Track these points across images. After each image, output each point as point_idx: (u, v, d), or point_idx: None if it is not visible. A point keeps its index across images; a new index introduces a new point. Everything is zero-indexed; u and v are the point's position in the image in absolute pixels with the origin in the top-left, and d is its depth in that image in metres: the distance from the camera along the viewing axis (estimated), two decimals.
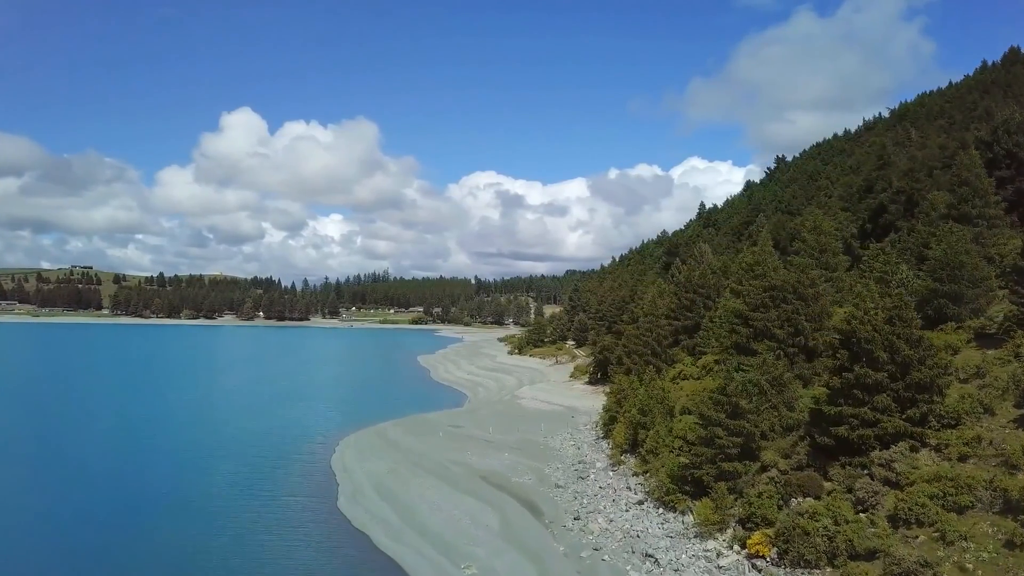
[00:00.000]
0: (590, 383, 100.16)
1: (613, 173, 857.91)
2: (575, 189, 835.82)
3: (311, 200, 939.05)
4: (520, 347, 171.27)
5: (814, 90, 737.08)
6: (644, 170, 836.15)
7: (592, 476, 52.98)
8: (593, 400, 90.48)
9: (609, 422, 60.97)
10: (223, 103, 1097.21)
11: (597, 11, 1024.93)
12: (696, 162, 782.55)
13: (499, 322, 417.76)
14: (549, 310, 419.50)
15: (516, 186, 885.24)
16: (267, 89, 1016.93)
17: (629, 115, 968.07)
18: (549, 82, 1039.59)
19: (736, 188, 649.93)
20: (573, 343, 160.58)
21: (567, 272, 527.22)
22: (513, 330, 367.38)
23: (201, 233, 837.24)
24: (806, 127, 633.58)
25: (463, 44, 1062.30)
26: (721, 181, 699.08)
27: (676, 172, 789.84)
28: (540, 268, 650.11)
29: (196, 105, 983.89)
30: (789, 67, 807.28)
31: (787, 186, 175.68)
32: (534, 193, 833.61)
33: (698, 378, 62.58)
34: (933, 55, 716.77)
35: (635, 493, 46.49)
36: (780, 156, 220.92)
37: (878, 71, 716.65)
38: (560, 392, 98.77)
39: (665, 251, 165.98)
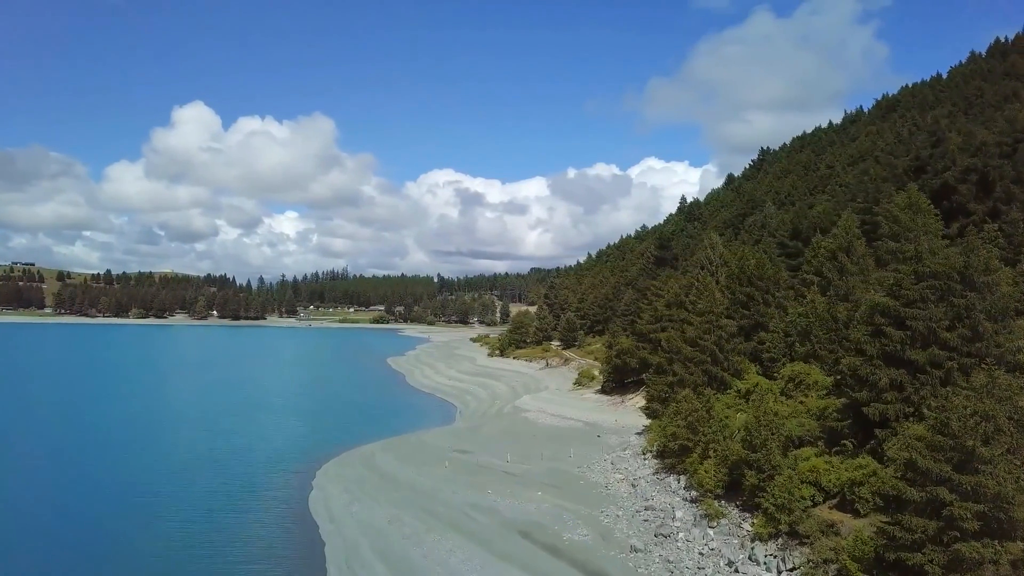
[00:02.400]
0: (603, 392, 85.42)
1: (572, 172, 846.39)
2: (534, 188, 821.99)
3: (266, 197, 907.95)
4: (502, 349, 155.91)
5: (771, 91, 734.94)
6: (602, 169, 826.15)
7: (680, 534, 38.11)
8: (614, 414, 75.97)
9: (679, 452, 46.23)
10: (174, 97, 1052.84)
11: (557, 7, 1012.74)
12: (653, 162, 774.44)
13: (464, 321, 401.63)
14: (515, 309, 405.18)
15: (475, 184, 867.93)
16: (220, 83, 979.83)
17: (588, 114, 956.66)
18: (507, 80, 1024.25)
19: (692, 188, 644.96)
20: (559, 344, 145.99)
21: (532, 270, 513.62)
22: (479, 329, 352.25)
23: (152, 230, 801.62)
24: (764, 127, 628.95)
25: (421, 39, 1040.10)
26: (677, 181, 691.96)
27: (634, 172, 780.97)
28: (499, 267, 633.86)
29: (146, 99, 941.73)
30: (747, 67, 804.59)
31: (781, 178, 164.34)
32: (493, 191, 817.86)
33: (784, 394, 48.23)
34: (887, 59, 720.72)
35: (772, 572, 31.75)
36: (764, 148, 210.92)
37: (834, 73, 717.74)
38: (570, 403, 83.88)
39: (657, 245, 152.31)
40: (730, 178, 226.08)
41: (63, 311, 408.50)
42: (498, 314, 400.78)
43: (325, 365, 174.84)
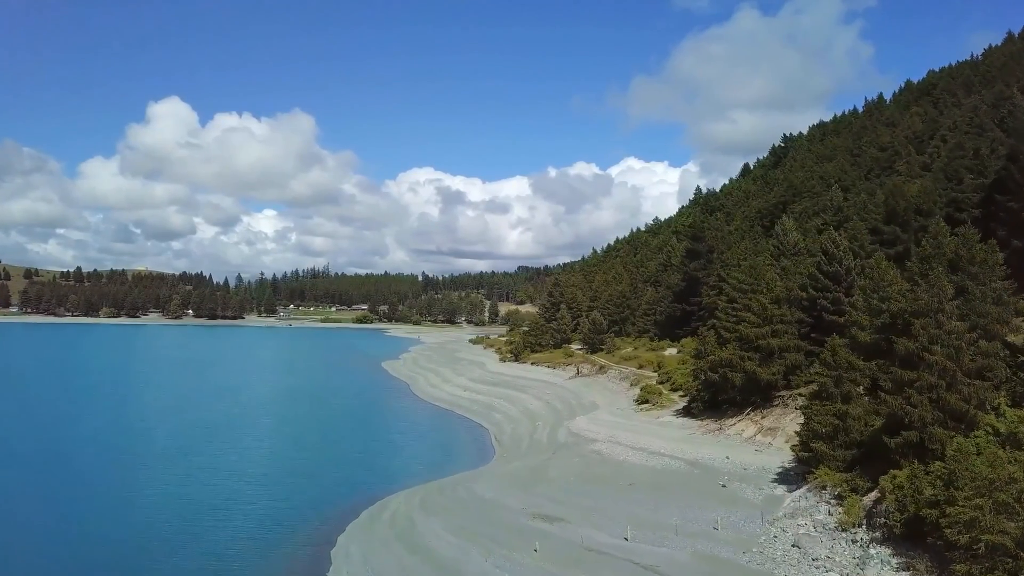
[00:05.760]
0: (689, 415, 65.12)
1: (552, 171, 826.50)
2: (515, 187, 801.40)
3: (244, 195, 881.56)
4: (516, 353, 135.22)
5: (756, 90, 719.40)
6: (583, 168, 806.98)
7: None
8: (717, 447, 55.70)
9: (988, 554, 26.18)
10: (150, 92, 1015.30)
11: (538, 4, 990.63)
12: (633, 162, 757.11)
13: (451, 321, 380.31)
14: (504, 308, 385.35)
15: (456, 183, 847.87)
16: (197, 79, 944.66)
17: (571, 112, 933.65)
18: (489, 77, 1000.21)
19: (671, 188, 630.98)
20: (583, 347, 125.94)
21: (519, 268, 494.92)
22: (468, 329, 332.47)
23: (128, 228, 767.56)
24: (748, 127, 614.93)
25: (403, 36, 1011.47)
26: (656, 181, 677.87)
27: (614, 171, 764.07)
28: (480, 265, 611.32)
29: (121, 94, 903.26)
30: (732, 66, 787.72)
31: (823, 163, 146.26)
32: (474, 190, 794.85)
33: None
34: (871, 59, 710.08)
35: None
36: (787, 134, 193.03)
37: (818, 73, 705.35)
38: (647, 430, 63.47)
39: (690, 237, 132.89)
40: (746, 168, 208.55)
41: (29, 310, 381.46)
42: (487, 313, 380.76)
43: (314, 371, 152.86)
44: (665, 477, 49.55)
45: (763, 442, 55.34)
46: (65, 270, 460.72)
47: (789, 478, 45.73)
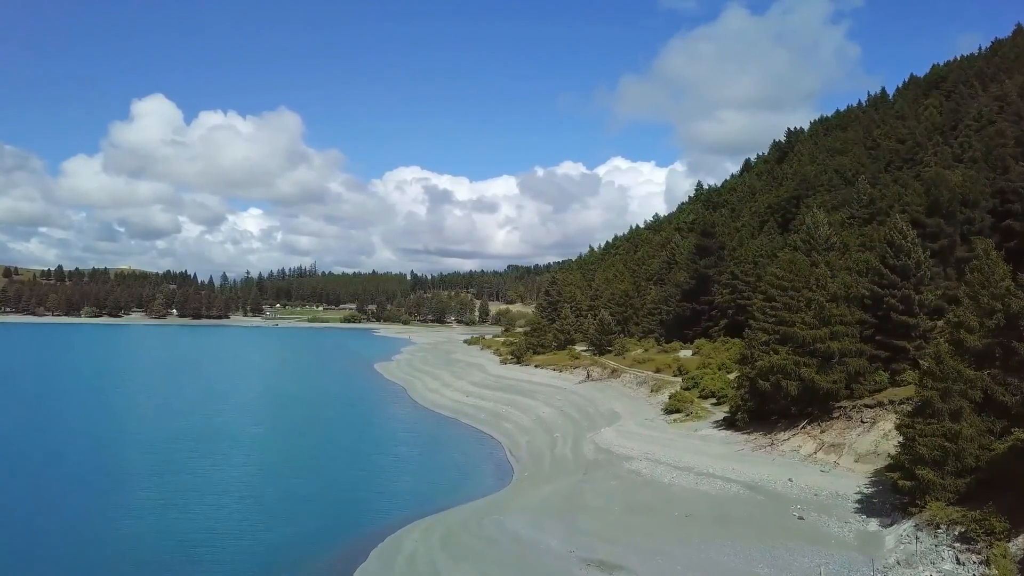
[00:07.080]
0: (733, 427, 57.54)
1: (540, 171, 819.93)
2: (502, 186, 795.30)
3: (229, 193, 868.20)
4: (518, 354, 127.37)
5: (744, 89, 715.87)
6: (570, 168, 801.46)
7: None
8: (772, 466, 48.20)
9: None
10: (134, 90, 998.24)
11: (528, 4, 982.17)
12: (619, 162, 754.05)
13: (441, 320, 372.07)
14: (494, 307, 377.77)
15: (443, 181, 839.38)
16: (181, 76, 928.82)
17: (558, 111, 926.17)
18: (476, 75, 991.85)
19: (658, 188, 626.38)
20: (588, 348, 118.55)
21: (509, 267, 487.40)
22: (458, 328, 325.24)
23: (111, 227, 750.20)
24: (736, 126, 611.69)
25: (389, 33, 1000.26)
26: (643, 181, 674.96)
27: (601, 171, 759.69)
28: (468, 265, 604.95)
29: (104, 91, 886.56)
30: (720, 65, 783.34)
31: (835, 155, 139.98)
32: (461, 189, 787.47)
33: None
34: (859, 59, 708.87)
35: None
36: (792, 128, 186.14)
37: (806, 72, 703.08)
38: (685, 445, 55.79)
39: (700, 233, 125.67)
40: (747, 164, 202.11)
41: (8, 309, 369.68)
42: (477, 313, 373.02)
43: (304, 373, 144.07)
44: (726, 506, 41.97)
45: (827, 461, 48.04)
46: (44, 268, 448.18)
47: (875, 508, 38.50)
